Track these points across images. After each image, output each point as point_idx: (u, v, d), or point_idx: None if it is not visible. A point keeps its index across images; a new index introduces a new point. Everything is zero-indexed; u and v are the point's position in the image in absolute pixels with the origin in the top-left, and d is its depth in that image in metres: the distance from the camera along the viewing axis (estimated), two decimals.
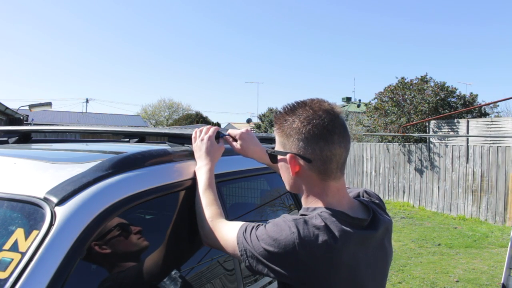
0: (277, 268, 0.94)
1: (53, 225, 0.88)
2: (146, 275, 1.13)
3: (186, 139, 1.45)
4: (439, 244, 6.77)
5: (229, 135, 1.41)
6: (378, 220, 1.05)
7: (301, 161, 1.01)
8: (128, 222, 1.10)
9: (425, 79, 12.29)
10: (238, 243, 1.01)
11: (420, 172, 10.20)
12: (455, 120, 9.87)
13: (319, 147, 0.98)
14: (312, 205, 1.04)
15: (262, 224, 1.02)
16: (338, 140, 0.99)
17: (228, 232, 1.06)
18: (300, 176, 1.04)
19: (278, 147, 1.08)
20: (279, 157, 1.09)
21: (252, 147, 1.38)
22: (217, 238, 1.08)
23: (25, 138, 1.90)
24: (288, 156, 1.02)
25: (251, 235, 0.99)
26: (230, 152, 1.66)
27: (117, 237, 1.06)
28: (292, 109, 1.03)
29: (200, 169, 1.27)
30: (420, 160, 10.19)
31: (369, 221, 1.03)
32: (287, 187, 1.11)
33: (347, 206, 1.04)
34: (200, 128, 1.38)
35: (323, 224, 0.94)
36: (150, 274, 1.14)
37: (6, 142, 1.86)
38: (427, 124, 10.75)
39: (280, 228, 0.95)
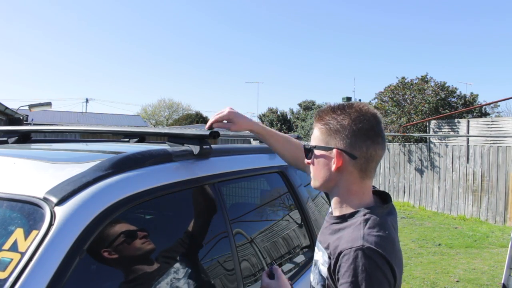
0: None
1: (53, 225, 0.88)
2: (146, 275, 1.12)
3: (186, 139, 1.44)
4: (439, 244, 6.77)
5: (216, 120, 1.44)
6: (392, 205, 1.13)
7: (346, 157, 1.04)
8: (128, 222, 1.10)
9: (426, 79, 12.28)
10: None
11: (420, 172, 10.19)
12: (456, 120, 9.86)
13: (366, 146, 1.03)
14: (349, 204, 1.07)
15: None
16: (381, 142, 1.06)
17: None
18: (341, 172, 1.06)
19: (317, 142, 1.10)
20: (316, 152, 1.10)
21: (243, 120, 1.43)
22: None
23: (24, 138, 1.90)
24: (334, 151, 1.05)
25: None
26: (230, 152, 1.66)
27: (117, 237, 1.06)
28: (341, 109, 1.07)
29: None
30: (420, 160, 10.19)
31: (390, 206, 1.11)
32: (318, 183, 1.12)
33: (374, 199, 1.10)
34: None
35: (378, 227, 0.98)
36: (150, 274, 1.14)
37: (6, 142, 1.86)
38: (427, 124, 10.74)
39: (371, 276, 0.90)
